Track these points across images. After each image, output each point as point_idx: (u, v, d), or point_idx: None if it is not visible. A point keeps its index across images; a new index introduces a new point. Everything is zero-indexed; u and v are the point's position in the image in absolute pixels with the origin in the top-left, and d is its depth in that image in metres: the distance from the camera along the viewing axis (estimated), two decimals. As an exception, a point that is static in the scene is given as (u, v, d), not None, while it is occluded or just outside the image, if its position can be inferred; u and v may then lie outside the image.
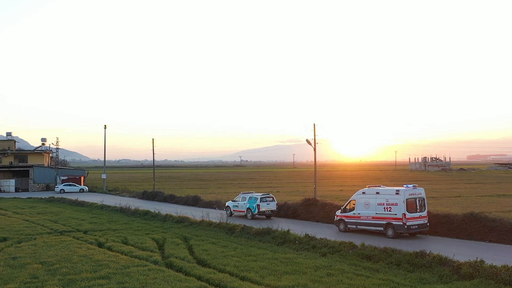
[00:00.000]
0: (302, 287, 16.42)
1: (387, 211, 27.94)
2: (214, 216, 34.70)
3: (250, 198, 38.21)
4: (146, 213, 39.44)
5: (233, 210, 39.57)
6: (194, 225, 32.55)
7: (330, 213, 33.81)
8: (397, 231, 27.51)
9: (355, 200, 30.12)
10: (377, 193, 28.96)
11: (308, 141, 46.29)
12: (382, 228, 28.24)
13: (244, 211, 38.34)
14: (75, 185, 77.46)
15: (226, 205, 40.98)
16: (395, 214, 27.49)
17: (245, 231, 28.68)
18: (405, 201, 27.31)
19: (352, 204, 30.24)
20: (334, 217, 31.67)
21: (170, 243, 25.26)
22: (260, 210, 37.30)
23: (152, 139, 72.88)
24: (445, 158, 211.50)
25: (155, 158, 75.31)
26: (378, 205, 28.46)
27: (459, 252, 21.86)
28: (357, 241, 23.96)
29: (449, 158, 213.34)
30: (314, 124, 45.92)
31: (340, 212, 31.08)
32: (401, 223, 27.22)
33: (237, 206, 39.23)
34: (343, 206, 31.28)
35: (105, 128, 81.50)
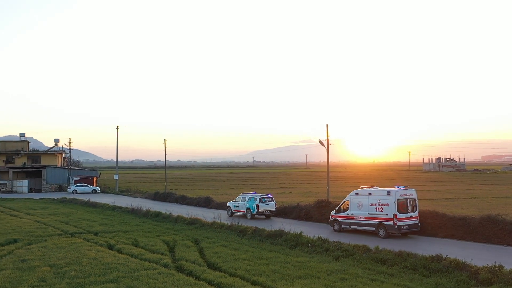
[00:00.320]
0: (314, 292, 15.99)
1: (379, 211, 28.62)
2: (226, 218, 34.42)
3: (250, 198, 39.07)
4: (157, 215, 39.20)
5: (233, 210, 40.38)
6: (206, 227, 32.22)
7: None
8: (388, 231, 28.12)
9: (349, 201, 30.83)
10: (369, 194, 29.63)
11: (321, 142, 45.80)
12: (374, 228, 28.85)
13: (244, 211, 39.10)
14: (88, 186, 77.67)
15: (227, 205, 41.81)
16: (386, 215, 28.12)
17: (256, 233, 28.26)
18: (396, 202, 27.92)
19: (346, 205, 30.95)
20: (329, 217, 32.32)
21: (181, 246, 24.94)
22: (259, 210, 38.12)
23: (164, 140, 72.95)
24: (459, 158, 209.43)
25: (168, 159, 75.20)
26: (370, 205, 29.18)
27: (477, 256, 21.27)
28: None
29: (464, 158, 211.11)
30: (327, 124, 45.52)
31: (335, 213, 31.73)
32: (392, 223, 27.80)
33: (237, 206, 40.04)
34: (337, 207, 31.92)
35: (117, 129, 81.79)
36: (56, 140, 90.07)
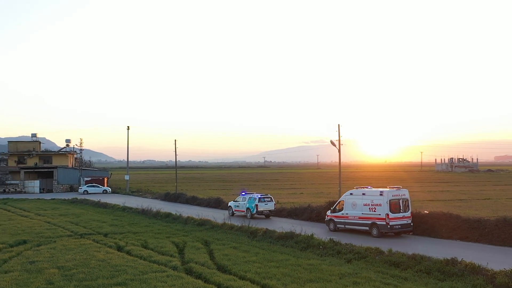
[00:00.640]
0: (326, 296, 15.59)
1: (372, 211, 29.17)
2: (236, 219, 34.10)
3: (250, 198, 39.72)
4: (167, 216, 38.97)
5: (234, 210, 41.07)
6: (216, 228, 31.92)
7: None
8: (381, 231, 28.60)
9: (344, 201, 31.38)
10: (363, 194, 30.21)
11: (332, 142, 45.37)
12: (367, 228, 29.38)
13: (244, 211, 39.71)
14: (99, 186, 77.76)
15: (228, 205, 42.45)
16: (379, 214, 28.67)
17: (267, 235, 27.90)
18: (388, 202, 28.46)
19: (341, 205, 31.49)
20: (325, 217, 32.81)
21: (191, 247, 24.63)
22: (259, 210, 38.78)
23: (175, 141, 72.77)
24: (472, 159, 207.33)
25: (179, 159, 75.09)
26: (364, 205, 29.74)
27: (493, 259, 20.72)
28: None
29: (476, 159, 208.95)
30: (339, 124, 45.12)
31: (330, 212, 32.21)
32: (385, 223, 28.32)
33: (238, 206, 40.73)
34: (333, 207, 32.37)
35: (128, 129, 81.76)
36: (68, 141, 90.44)
